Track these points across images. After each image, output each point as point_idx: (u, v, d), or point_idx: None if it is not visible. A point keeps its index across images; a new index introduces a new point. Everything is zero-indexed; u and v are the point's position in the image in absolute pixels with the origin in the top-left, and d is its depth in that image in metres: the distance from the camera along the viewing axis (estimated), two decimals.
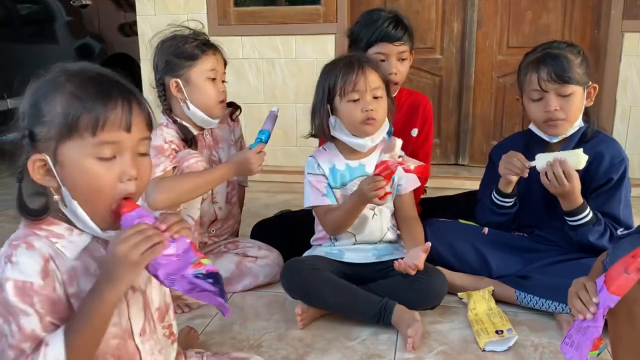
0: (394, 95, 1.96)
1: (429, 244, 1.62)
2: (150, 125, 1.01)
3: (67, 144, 0.93)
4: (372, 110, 1.65)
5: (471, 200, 2.02)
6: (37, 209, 0.98)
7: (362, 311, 1.62)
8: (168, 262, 0.93)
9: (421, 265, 1.57)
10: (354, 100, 1.67)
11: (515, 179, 1.71)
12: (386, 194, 1.58)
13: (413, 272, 1.57)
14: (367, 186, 1.56)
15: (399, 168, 1.60)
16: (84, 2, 4.55)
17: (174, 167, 1.74)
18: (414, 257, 1.58)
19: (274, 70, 3.41)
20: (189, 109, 1.81)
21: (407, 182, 1.78)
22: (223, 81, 1.89)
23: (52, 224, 0.99)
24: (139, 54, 3.71)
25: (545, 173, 1.61)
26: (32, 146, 0.95)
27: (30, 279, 0.92)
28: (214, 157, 1.96)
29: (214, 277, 0.95)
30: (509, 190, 1.76)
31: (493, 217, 1.86)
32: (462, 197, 2.29)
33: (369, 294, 1.64)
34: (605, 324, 1.24)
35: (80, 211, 0.96)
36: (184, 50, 1.79)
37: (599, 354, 1.12)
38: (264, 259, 1.95)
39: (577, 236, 1.67)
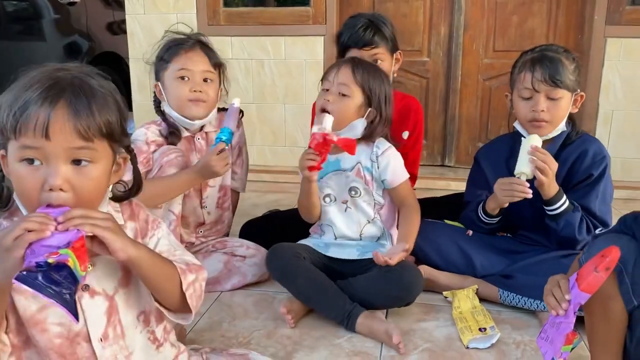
0: None
1: (408, 245, 1.67)
2: (84, 135, 0.93)
3: (9, 142, 0.94)
4: (327, 100, 1.72)
5: (457, 202, 2.06)
6: (2, 200, 1.02)
7: (328, 310, 1.67)
8: (42, 251, 0.85)
9: (392, 262, 1.59)
10: (325, 90, 1.75)
11: (507, 203, 1.75)
12: (315, 167, 1.63)
13: (383, 264, 1.60)
14: (300, 161, 1.65)
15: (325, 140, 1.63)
16: (71, 0, 4.53)
17: (148, 171, 1.78)
18: (391, 252, 1.63)
19: (263, 71, 3.43)
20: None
21: (393, 175, 1.80)
22: (207, 80, 1.86)
23: (20, 217, 1.01)
24: (127, 53, 3.70)
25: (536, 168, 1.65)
26: (2, 139, 0.97)
27: None
28: None
29: (61, 270, 0.84)
30: (496, 213, 1.81)
31: (477, 229, 1.92)
32: (449, 198, 2.33)
33: (339, 297, 1.65)
34: (583, 320, 1.29)
35: (22, 207, 1.00)
36: (162, 54, 1.86)
37: (572, 349, 1.17)
38: (252, 258, 1.97)
39: (560, 227, 1.71)
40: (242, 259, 1.97)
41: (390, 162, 1.80)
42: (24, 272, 0.81)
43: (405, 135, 2.12)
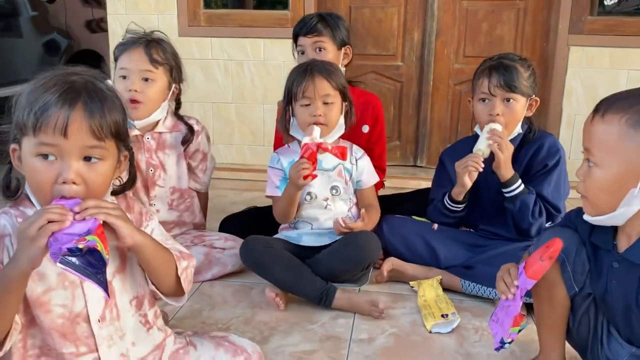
0: None
1: (364, 222, 1.85)
2: (97, 134, 1.03)
3: (25, 138, 1.04)
4: (320, 115, 1.82)
5: (422, 197, 2.20)
6: (11, 190, 1.11)
7: (306, 291, 1.80)
8: (65, 239, 0.95)
9: (350, 223, 1.80)
10: (305, 105, 1.84)
11: (470, 184, 1.87)
12: (310, 175, 1.73)
13: (344, 229, 1.80)
14: (293, 171, 1.74)
15: (318, 149, 1.76)
16: None
17: None
18: (349, 222, 1.81)
19: (242, 72, 3.52)
20: None
21: (367, 177, 1.98)
22: (149, 79, 1.85)
23: (27, 207, 1.11)
24: (107, 51, 3.75)
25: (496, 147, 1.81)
26: (17, 135, 1.06)
27: None
28: (153, 161, 1.98)
29: (93, 254, 0.96)
30: (461, 198, 1.94)
31: (444, 218, 2.04)
32: (416, 194, 2.46)
33: (315, 277, 1.80)
34: (532, 307, 1.44)
35: (34, 198, 1.09)
36: (114, 53, 1.92)
37: (520, 330, 1.31)
38: (231, 249, 2.05)
39: (516, 208, 1.85)
40: (221, 251, 2.05)
41: (366, 166, 1.98)
42: (66, 257, 0.93)
43: (365, 129, 2.25)
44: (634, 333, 1.27)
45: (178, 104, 2.04)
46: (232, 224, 2.27)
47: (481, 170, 1.85)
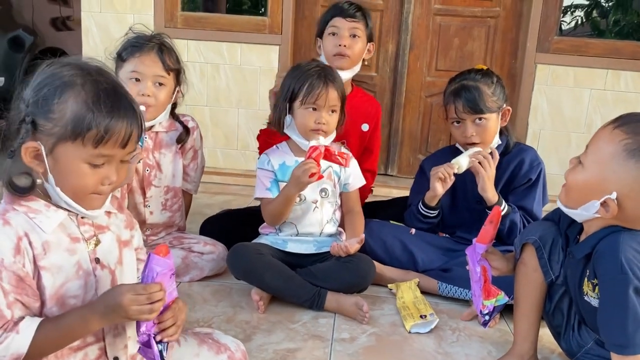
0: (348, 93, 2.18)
1: (363, 236, 1.85)
2: (140, 138, 1.12)
3: (67, 144, 1.03)
4: (324, 123, 1.85)
5: (402, 205, 2.25)
6: (23, 187, 1.06)
7: (298, 295, 1.81)
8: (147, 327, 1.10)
9: (351, 250, 1.81)
10: (311, 110, 1.85)
11: (442, 190, 1.93)
12: (316, 175, 1.74)
13: (344, 255, 1.81)
14: (300, 171, 1.74)
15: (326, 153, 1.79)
16: None
17: None
18: (348, 243, 1.82)
19: (218, 75, 3.53)
20: None
21: (354, 180, 2.00)
22: (161, 84, 1.89)
23: (31, 200, 1.08)
24: (76, 49, 3.68)
25: (479, 163, 1.87)
26: (30, 133, 1.04)
27: (1, 255, 1.00)
28: (150, 161, 1.99)
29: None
30: (434, 203, 2.00)
31: (418, 223, 2.09)
32: (395, 202, 2.51)
33: (305, 282, 1.82)
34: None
35: (64, 195, 1.07)
36: (120, 52, 1.90)
37: (497, 305, 1.48)
38: (209, 254, 2.04)
39: (505, 227, 1.92)
40: (199, 255, 2.03)
41: (354, 170, 2.00)
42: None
43: (365, 127, 2.30)
44: (586, 320, 1.41)
45: (174, 104, 2.04)
46: (213, 226, 2.26)
47: (449, 180, 1.90)
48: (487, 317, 1.52)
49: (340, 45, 2.17)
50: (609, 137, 1.25)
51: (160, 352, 1.11)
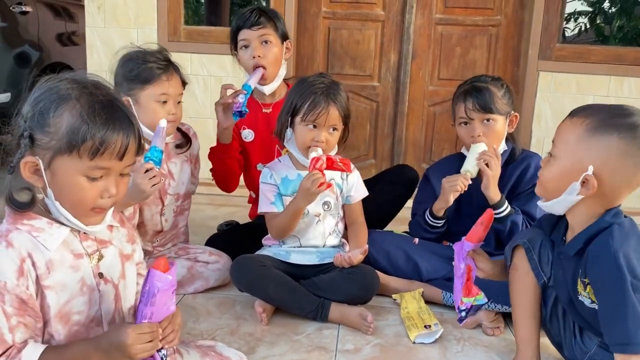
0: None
1: (366, 247, 1.86)
2: (138, 152, 1.11)
3: (64, 157, 1.04)
4: (322, 142, 1.85)
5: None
6: (23, 202, 1.07)
7: (301, 307, 1.81)
8: None
9: (355, 261, 1.81)
10: (311, 128, 1.85)
11: (452, 200, 1.93)
12: (326, 184, 1.75)
13: (347, 266, 1.81)
14: (308, 183, 1.74)
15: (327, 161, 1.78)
16: (24, 9, 4.51)
17: None
18: (352, 255, 1.82)
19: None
20: None
21: (356, 192, 2.00)
22: (179, 102, 1.96)
23: (33, 218, 1.08)
24: (81, 64, 3.71)
25: (486, 165, 1.88)
26: (28, 147, 1.05)
27: (4, 279, 1.01)
28: (164, 171, 2.01)
29: None
30: (442, 214, 2.00)
31: (424, 233, 2.09)
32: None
33: (308, 293, 1.82)
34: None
35: (64, 210, 1.08)
36: (139, 73, 1.87)
37: (476, 304, 1.51)
38: (215, 264, 2.06)
39: (507, 228, 1.90)
40: (205, 265, 2.05)
41: (356, 181, 2.00)
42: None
43: None
44: (585, 322, 1.40)
45: None
46: (215, 240, 2.26)
47: (465, 188, 1.91)
48: (463, 314, 1.55)
49: (254, 57, 2.15)
50: (570, 126, 1.35)
51: (162, 358, 1.12)
